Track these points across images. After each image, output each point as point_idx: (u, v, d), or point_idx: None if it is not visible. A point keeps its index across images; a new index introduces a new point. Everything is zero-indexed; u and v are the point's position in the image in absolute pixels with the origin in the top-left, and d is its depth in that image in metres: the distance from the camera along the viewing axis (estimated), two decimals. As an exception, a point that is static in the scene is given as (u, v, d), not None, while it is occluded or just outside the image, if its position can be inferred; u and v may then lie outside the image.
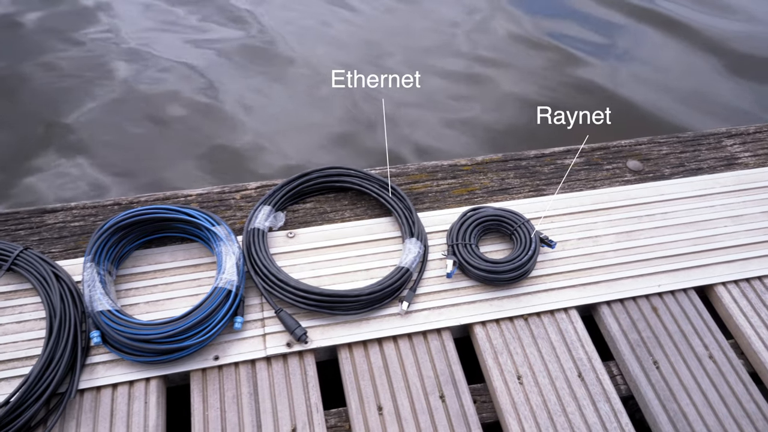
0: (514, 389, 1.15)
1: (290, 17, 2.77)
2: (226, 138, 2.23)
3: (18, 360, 1.14)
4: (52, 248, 1.33)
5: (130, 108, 2.32)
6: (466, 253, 1.30)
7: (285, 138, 2.23)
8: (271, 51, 2.62)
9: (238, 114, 2.30)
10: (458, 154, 2.22)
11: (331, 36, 2.69)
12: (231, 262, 1.21)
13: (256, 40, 2.67)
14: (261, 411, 1.10)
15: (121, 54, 2.56)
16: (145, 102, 2.33)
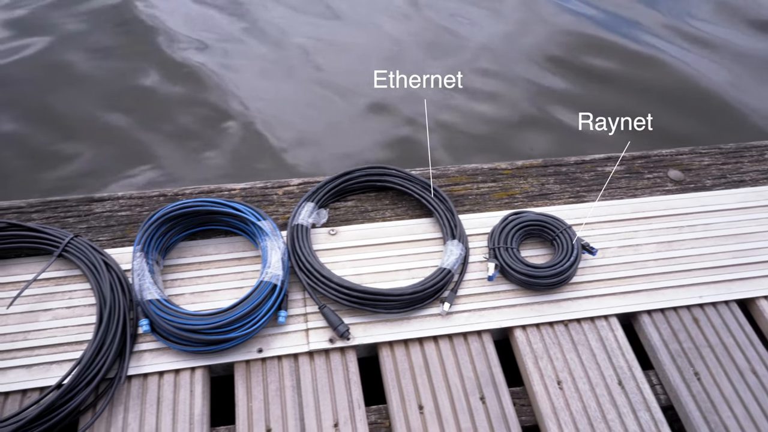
0: (554, 394, 1.15)
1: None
2: (269, 134, 2.26)
3: (68, 344, 1.17)
4: (99, 236, 1.36)
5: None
6: (507, 256, 1.30)
7: (327, 137, 2.25)
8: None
9: (281, 111, 2.33)
10: (497, 157, 2.22)
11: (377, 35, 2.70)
12: (276, 257, 1.23)
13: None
14: (304, 405, 1.11)
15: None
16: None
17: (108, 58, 2.59)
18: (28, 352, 1.15)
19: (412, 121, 2.32)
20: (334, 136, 2.27)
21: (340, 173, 1.45)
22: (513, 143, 2.31)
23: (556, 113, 2.42)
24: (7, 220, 1.28)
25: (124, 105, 2.37)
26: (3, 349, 1.15)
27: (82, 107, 2.33)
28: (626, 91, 2.51)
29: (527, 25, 2.89)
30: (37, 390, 1.11)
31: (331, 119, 2.31)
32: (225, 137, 2.24)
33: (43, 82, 2.47)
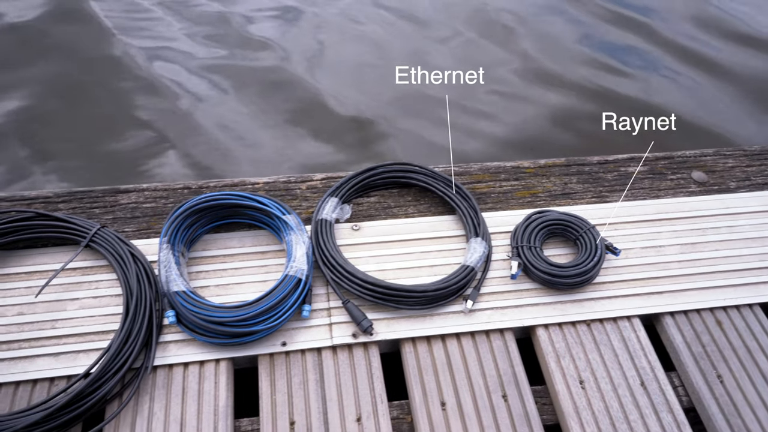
0: (576, 393, 1.16)
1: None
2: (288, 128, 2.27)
3: (95, 334, 1.18)
4: (125, 227, 1.37)
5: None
6: (530, 255, 1.30)
7: (347, 131, 2.25)
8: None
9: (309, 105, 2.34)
10: (519, 155, 2.22)
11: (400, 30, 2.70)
12: (301, 251, 1.23)
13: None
14: (327, 398, 1.12)
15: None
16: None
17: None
18: (55, 341, 1.17)
19: (433, 118, 2.32)
20: (355, 131, 2.28)
21: (364, 169, 1.45)
22: (535, 142, 2.31)
23: (579, 111, 2.42)
24: (35, 209, 1.29)
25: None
26: (31, 337, 1.16)
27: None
28: (650, 90, 2.50)
29: (552, 21, 2.88)
30: (64, 378, 1.12)
31: (353, 112, 2.32)
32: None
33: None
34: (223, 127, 2.26)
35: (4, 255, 1.29)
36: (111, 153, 2.20)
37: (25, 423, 0.99)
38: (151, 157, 2.23)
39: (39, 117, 2.28)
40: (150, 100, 2.36)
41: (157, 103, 2.37)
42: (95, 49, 2.63)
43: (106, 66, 2.55)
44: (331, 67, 2.56)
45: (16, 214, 1.30)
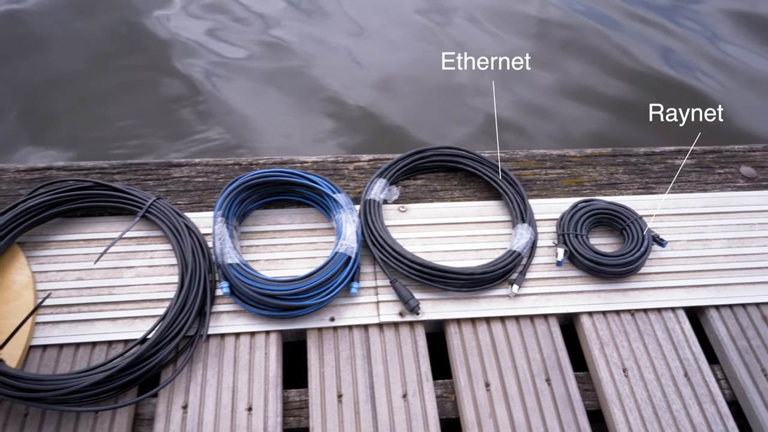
0: (620, 381, 1.17)
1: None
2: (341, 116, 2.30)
3: (149, 301, 1.22)
4: (178, 200, 1.41)
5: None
6: (577, 243, 1.31)
7: (394, 116, 2.27)
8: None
9: (348, 96, 2.36)
10: (564, 142, 2.22)
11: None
12: (351, 230, 1.26)
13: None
14: (374, 374, 1.15)
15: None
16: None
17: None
18: (113, 306, 1.21)
19: (479, 104, 2.32)
20: (402, 116, 2.29)
21: (412, 152, 1.47)
22: (579, 129, 2.30)
23: (625, 101, 2.40)
24: (93, 179, 1.33)
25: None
26: (90, 302, 1.21)
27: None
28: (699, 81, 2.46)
29: (596, 12, 2.85)
30: (121, 342, 1.17)
31: (398, 100, 2.33)
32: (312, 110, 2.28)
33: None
34: (261, 111, 2.29)
35: (63, 222, 1.33)
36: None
37: (88, 382, 1.03)
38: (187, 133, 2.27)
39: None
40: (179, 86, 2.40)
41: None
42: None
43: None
44: (377, 53, 2.57)
45: (75, 183, 1.34)
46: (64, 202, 1.32)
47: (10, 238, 1.24)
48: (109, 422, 1.06)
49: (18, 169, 1.45)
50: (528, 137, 2.24)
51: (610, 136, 2.27)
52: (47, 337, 1.15)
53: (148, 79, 2.41)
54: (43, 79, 2.36)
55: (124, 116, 2.29)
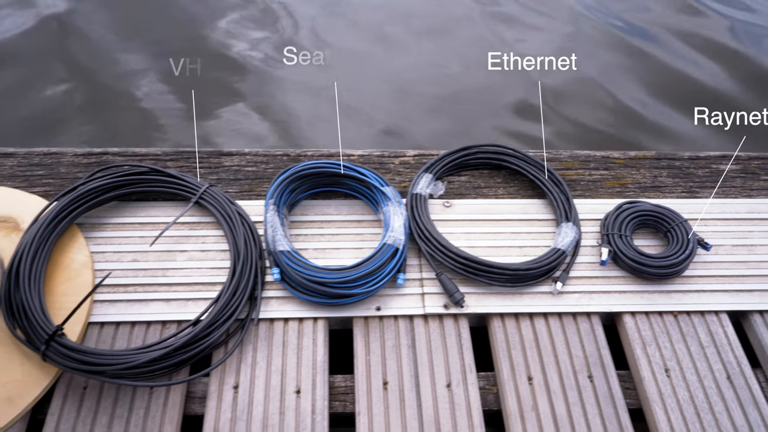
0: (662, 381, 1.18)
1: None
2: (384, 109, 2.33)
3: (202, 285, 1.26)
4: (228, 188, 1.45)
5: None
6: (621, 243, 1.32)
7: (439, 115, 2.29)
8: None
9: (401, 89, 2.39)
10: (608, 143, 2.22)
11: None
12: (399, 222, 1.28)
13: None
14: (418, 363, 1.17)
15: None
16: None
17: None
18: (166, 288, 1.25)
19: (525, 104, 2.33)
20: (448, 115, 2.31)
21: (458, 148, 1.49)
22: (624, 132, 2.30)
23: (670, 104, 2.39)
24: (149, 165, 1.38)
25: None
26: (146, 283, 1.25)
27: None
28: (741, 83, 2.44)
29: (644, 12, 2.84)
30: (174, 323, 1.21)
31: (446, 99, 2.35)
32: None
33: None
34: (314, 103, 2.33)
35: (119, 205, 1.38)
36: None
37: (146, 359, 1.07)
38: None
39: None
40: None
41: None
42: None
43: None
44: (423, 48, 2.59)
45: (131, 168, 1.38)
46: (120, 186, 1.36)
47: (70, 219, 1.29)
48: (163, 398, 1.10)
49: (76, 153, 1.50)
50: (571, 137, 2.25)
51: (651, 139, 2.26)
52: (105, 315, 1.20)
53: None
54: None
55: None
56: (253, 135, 2.24)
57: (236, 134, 2.24)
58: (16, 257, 1.19)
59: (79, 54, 2.48)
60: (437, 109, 2.34)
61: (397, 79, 2.48)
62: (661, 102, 2.43)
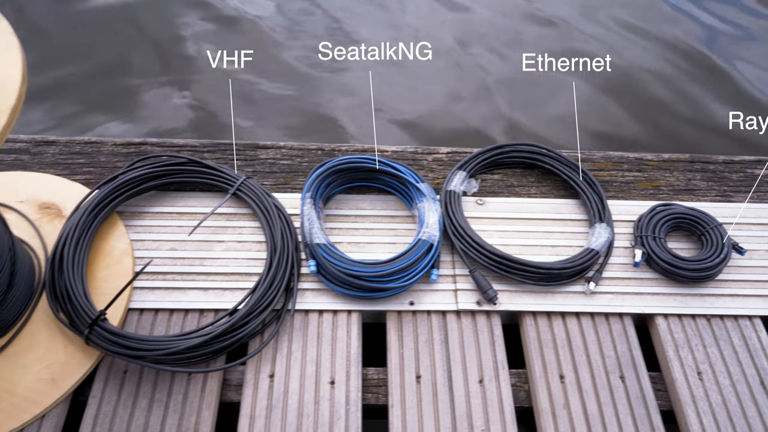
0: (694, 384, 1.18)
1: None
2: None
3: (238, 275, 1.28)
4: (264, 181, 1.47)
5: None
6: (654, 245, 1.32)
7: (472, 114, 2.30)
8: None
9: (430, 92, 2.40)
10: (641, 145, 2.21)
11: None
12: (434, 218, 1.29)
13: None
14: (451, 358, 1.18)
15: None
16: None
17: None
18: (204, 277, 1.27)
19: (558, 104, 2.33)
20: (479, 113, 2.32)
21: (492, 146, 1.50)
22: (656, 134, 2.29)
23: (706, 107, 2.37)
24: (187, 156, 1.40)
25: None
26: (183, 271, 1.27)
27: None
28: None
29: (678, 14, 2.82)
30: (212, 311, 1.23)
31: (479, 99, 2.36)
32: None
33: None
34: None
35: (157, 195, 1.41)
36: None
37: (186, 345, 1.09)
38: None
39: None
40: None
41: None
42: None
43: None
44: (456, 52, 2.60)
45: (169, 158, 1.41)
46: (159, 176, 1.39)
47: (111, 207, 1.32)
48: (201, 384, 1.12)
49: (115, 142, 1.53)
50: (606, 138, 2.24)
51: (686, 142, 2.25)
52: (144, 302, 1.22)
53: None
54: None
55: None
56: (285, 129, 2.26)
57: (270, 127, 2.27)
58: (60, 243, 1.21)
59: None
60: (472, 108, 2.35)
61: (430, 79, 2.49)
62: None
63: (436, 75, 2.47)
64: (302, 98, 2.37)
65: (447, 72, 2.49)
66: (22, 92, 0.81)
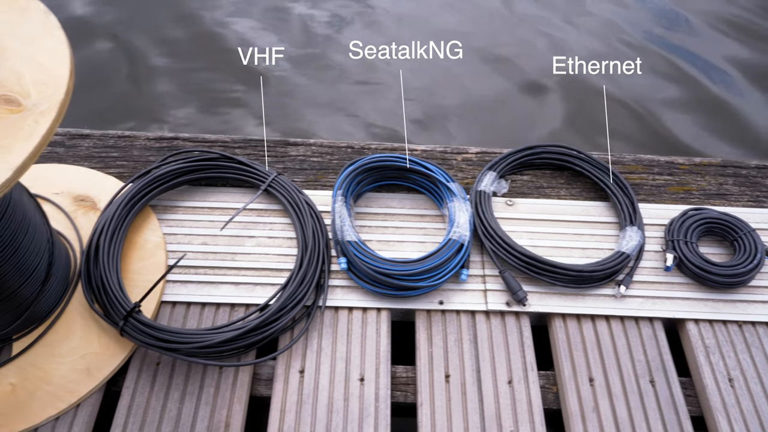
0: (725, 390, 1.17)
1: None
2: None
3: (269, 270, 1.29)
4: (294, 177, 1.48)
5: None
6: (686, 250, 1.31)
7: (504, 116, 2.30)
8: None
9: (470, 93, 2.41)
10: (671, 149, 2.20)
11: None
12: (464, 218, 1.30)
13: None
14: (480, 358, 1.19)
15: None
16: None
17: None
18: (235, 272, 1.28)
19: (589, 107, 2.32)
20: (507, 115, 2.32)
21: (523, 147, 1.50)
22: (687, 137, 2.27)
23: (740, 112, 2.35)
24: (219, 152, 1.41)
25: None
26: (215, 266, 1.29)
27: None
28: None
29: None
30: (243, 306, 1.24)
31: (508, 101, 2.36)
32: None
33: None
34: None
35: (189, 189, 1.42)
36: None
37: (219, 339, 1.11)
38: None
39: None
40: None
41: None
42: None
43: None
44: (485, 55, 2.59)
45: (201, 153, 1.42)
46: (191, 171, 1.40)
47: (145, 201, 1.34)
48: (232, 378, 1.14)
49: (148, 137, 1.54)
50: (636, 141, 2.23)
51: (715, 147, 2.23)
52: (176, 295, 1.24)
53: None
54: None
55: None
56: (318, 126, 2.27)
57: (300, 124, 2.28)
58: (96, 235, 1.23)
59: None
60: (500, 110, 2.35)
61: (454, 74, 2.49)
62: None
63: (466, 74, 2.47)
64: (331, 95, 2.38)
65: (476, 70, 2.49)
66: (70, 87, 0.83)
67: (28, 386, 1.08)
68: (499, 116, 2.30)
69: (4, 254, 1.00)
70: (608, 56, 2.46)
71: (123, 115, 2.27)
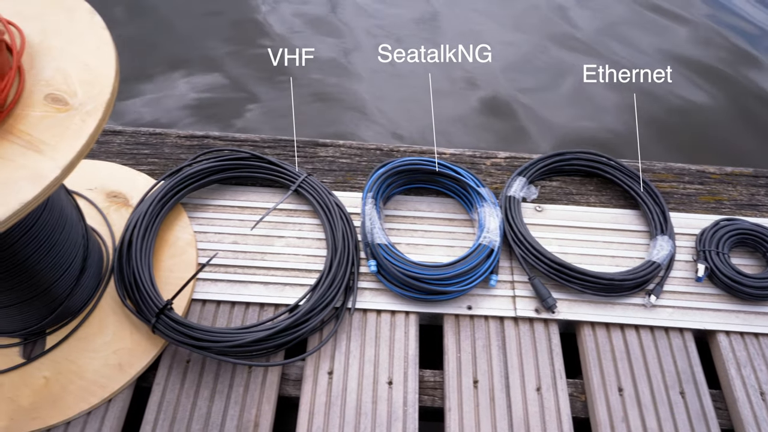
0: (757, 404, 1.16)
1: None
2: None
3: (298, 271, 1.29)
4: (323, 178, 1.48)
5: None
6: (718, 260, 1.30)
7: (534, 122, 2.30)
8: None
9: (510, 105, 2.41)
10: (702, 158, 2.18)
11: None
12: (495, 224, 1.29)
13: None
14: (509, 365, 1.18)
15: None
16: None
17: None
18: (265, 272, 1.29)
19: (619, 115, 2.31)
20: (538, 122, 2.31)
21: (552, 153, 1.49)
22: (719, 146, 2.25)
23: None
24: (250, 151, 1.42)
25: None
26: (245, 265, 1.29)
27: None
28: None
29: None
30: (272, 306, 1.25)
31: (537, 107, 2.35)
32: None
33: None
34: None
35: (219, 188, 1.43)
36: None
37: (250, 339, 1.11)
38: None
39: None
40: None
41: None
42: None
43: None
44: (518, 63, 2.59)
45: (232, 153, 1.43)
46: (222, 170, 1.41)
47: (176, 198, 1.35)
48: (261, 377, 1.14)
49: (179, 135, 1.56)
50: (666, 148, 2.21)
51: (749, 157, 2.21)
52: (207, 293, 1.25)
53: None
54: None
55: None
56: (346, 127, 2.27)
57: (327, 125, 2.29)
58: (128, 231, 1.24)
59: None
60: (529, 116, 2.34)
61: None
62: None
63: (496, 78, 2.47)
64: (360, 97, 2.38)
65: (504, 75, 2.48)
66: (116, 86, 0.83)
67: (62, 380, 1.09)
68: (525, 121, 2.30)
69: (42, 250, 1.02)
70: (639, 64, 2.44)
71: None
